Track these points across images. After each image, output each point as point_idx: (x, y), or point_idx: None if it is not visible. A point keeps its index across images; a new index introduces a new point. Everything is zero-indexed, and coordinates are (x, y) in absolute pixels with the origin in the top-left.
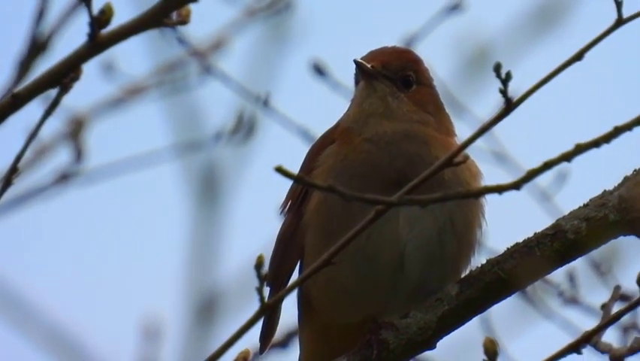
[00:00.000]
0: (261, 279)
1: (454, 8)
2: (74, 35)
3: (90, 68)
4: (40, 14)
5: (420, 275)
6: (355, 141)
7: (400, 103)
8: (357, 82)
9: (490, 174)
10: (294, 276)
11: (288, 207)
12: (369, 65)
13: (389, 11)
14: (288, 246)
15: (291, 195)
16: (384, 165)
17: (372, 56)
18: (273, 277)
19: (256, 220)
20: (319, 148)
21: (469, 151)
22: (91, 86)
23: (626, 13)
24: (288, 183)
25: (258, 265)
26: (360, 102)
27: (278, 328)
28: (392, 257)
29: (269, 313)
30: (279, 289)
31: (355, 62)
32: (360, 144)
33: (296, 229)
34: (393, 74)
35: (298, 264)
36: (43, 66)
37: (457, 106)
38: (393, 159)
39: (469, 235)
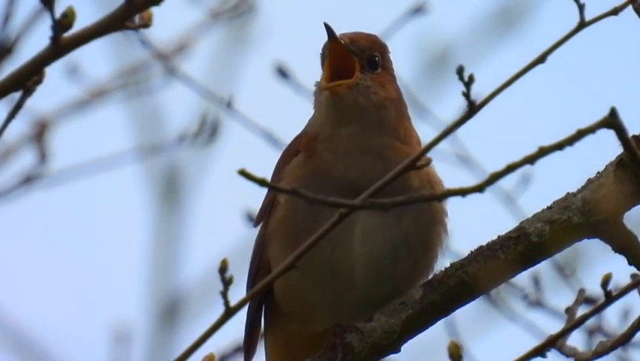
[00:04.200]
0: (225, 283)
1: (417, 11)
2: (41, 39)
3: (54, 71)
4: (6, 18)
5: (367, 290)
6: (319, 156)
7: (368, 85)
8: (323, 62)
9: (453, 177)
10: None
11: (259, 219)
12: (337, 33)
13: (352, 13)
14: (260, 259)
15: (262, 208)
16: (348, 180)
17: (340, 35)
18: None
19: (219, 223)
20: (285, 160)
21: (432, 154)
22: (55, 88)
23: (588, 16)
24: (252, 186)
25: (222, 268)
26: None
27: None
28: (347, 270)
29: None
30: (258, 301)
31: (325, 24)
32: (323, 157)
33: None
34: (360, 52)
35: None
36: (9, 70)
37: (419, 108)
38: (359, 176)
39: (425, 254)
